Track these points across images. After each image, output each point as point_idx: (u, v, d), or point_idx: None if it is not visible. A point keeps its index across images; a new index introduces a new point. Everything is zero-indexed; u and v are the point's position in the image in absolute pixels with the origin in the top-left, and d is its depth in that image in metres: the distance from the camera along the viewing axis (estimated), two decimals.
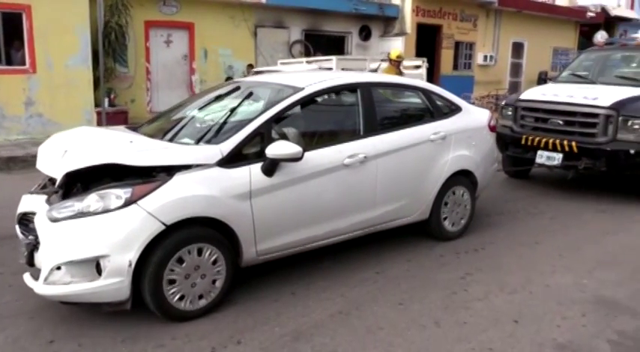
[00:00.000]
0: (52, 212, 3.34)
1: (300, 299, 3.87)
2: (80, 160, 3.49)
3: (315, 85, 4.31)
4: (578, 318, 3.67)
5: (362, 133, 4.44)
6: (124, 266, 3.24)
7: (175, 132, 4.20)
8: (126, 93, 12.73)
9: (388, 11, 16.77)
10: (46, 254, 3.30)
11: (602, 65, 8.15)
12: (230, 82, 5.53)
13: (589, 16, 21.98)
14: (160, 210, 3.30)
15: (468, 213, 5.34)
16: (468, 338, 3.37)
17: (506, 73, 20.45)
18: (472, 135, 5.28)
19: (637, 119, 6.36)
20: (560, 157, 6.77)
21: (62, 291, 3.27)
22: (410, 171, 4.73)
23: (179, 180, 3.44)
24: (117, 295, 3.29)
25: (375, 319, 3.59)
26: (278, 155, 3.67)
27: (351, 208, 4.32)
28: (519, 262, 4.68)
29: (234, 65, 14.29)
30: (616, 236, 5.46)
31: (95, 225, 3.25)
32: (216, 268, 3.60)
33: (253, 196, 3.69)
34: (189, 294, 3.51)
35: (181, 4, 13.30)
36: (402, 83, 5.39)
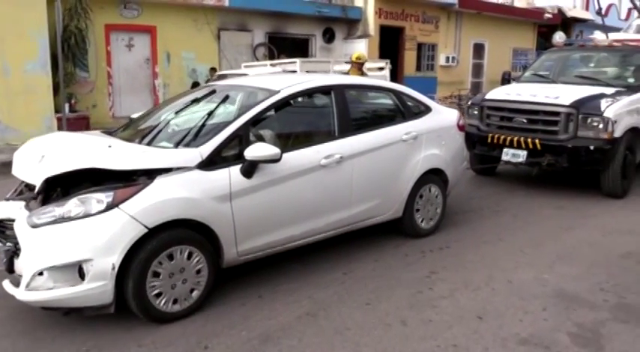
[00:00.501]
0: (32, 217, 3.33)
1: (267, 302, 3.87)
2: (60, 165, 3.48)
3: (290, 87, 4.39)
4: (539, 312, 3.76)
5: (337, 134, 4.53)
6: (108, 270, 3.25)
7: (153, 136, 4.23)
8: (87, 98, 12.52)
9: (351, 14, 16.90)
10: (28, 260, 3.28)
11: (563, 65, 8.42)
12: (205, 85, 5.52)
13: (546, 17, 22.55)
14: (142, 214, 3.33)
15: (440, 211, 5.48)
16: (433, 336, 3.43)
17: (468, 73, 20.83)
18: (442, 134, 5.41)
19: (596, 117, 6.58)
20: (525, 154, 6.98)
21: (45, 297, 3.26)
22: (383, 171, 4.83)
23: (160, 184, 3.47)
24: (101, 299, 3.30)
25: (342, 320, 3.62)
26: (257, 157, 3.74)
27: (328, 208, 4.41)
28: (483, 259, 4.78)
29: (197, 68, 14.19)
30: (574, 231, 5.62)
31: (77, 229, 3.25)
32: (198, 269, 3.64)
33: (233, 198, 3.74)
34: (171, 296, 3.54)
35: (142, 8, 13.15)
36: (374, 85, 5.56)
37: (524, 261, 4.75)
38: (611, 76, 7.91)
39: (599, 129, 6.57)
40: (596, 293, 4.08)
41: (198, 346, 3.29)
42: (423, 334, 3.45)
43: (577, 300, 3.96)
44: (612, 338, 3.43)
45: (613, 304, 3.91)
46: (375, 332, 3.47)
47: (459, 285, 4.20)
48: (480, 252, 4.98)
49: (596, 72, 8.13)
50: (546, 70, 8.49)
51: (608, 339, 3.42)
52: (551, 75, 8.27)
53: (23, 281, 3.28)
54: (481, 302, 3.92)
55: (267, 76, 6.59)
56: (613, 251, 5.02)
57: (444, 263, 4.68)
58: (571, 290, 4.13)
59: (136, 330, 3.47)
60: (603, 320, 3.65)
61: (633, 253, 4.96)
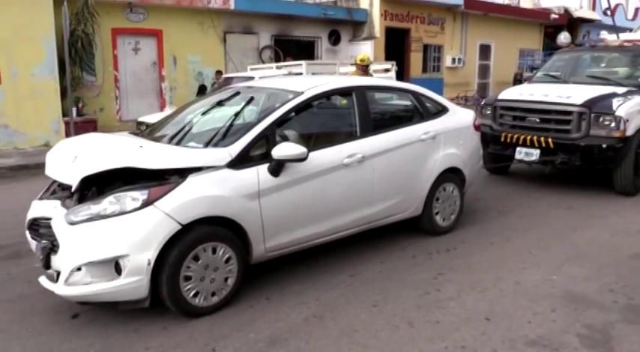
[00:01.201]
0: (70, 215, 3.46)
1: (275, 304, 3.87)
2: (96, 165, 3.60)
3: (314, 89, 4.53)
4: (548, 314, 3.74)
5: (358, 134, 4.66)
6: (143, 265, 3.37)
7: (181, 137, 4.39)
8: (94, 102, 12.58)
9: (357, 16, 16.91)
10: (66, 256, 3.40)
11: (574, 65, 8.51)
12: (233, 87, 5.69)
13: (553, 17, 22.48)
14: (176, 211, 3.46)
15: (458, 209, 5.59)
16: (441, 337, 3.41)
17: (475, 74, 20.79)
18: (459, 134, 5.53)
19: (608, 115, 6.68)
20: (538, 153, 7.10)
21: (83, 291, 3.38)
22: (403, 170, 4.95)
23: (192, 182, 3.60)
24: (136, 293, 3.42)
25: (349, 321, 3.61)
26: (284, 156, 3.87)
27: (351, 206, 4.53)
28: (490, 260, 4.76)
29: (203, 72, 14.24)
30: (582, 232, 5.58)
31: (114, 226, 3.37)
32: (228, 266, 3.75)
33: (261, 196, 3.87)
34: (203, 291, 3.65)
35: (149, 12, 13.21)
36: (393, 86, 5.68)
37: (532, 262, 4.72)
38: (623, 75, 7.99)
39: (611, 127, 6.67)
40: (605, 295, 4.05)
41: (206, 348, 3.29)
42: (431, 335, 3.44)
43: (586, 301, 3.93)
44: (622, 339, 3.41)
45: (622, 305, 3.88)
46: (382, 333, 3.46)
47: (466, 286, 4.18)
48: (487, 253, 4.96)
49: (607, 72, 8.21)
50: (557, 70, 8.59)
51: (618, 341, 3.39)
52: (562, 75, 8.37)
53: (62, 277, 3.40)
54: (489, 303, 3.90)
55: (290, 78, 6.73)
56: (622, 251, 4.98)
57: (451, 264, 4.66)
58: (580, 292, 4.10)
59: (144, 332, 3.48)
60: (613, 322, 3.63)
61: None
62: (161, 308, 3.78)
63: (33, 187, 7.99)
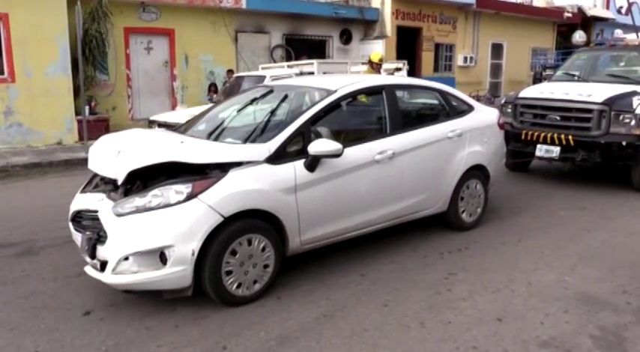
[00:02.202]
0: (117, 207, 3.61)
1: (286, 303, 3.87)
2: (142, 159, 3.73)
3: (346, 87, 4.66)
4: (560, 315, 3.71)
5: (388, 131, 4.79)
6: (188, 256, 3.51)
7: (218, 133, 4.58)
8: (107, 100, 12.66)
9: (368, 15, 16.87)
10: (114, 246, 3.54)
11: (593, 64, 8.67)
12: (265, 85, 5.90)
13: (566, 16, 22.28)
14: (219, 203, 3.60)
15: (482, 205, 5.72)
16: (452, 338, 3.40)
17: (487, 73, 20.67)
18: (484, 132, 5.65)
19: (628, 113, 6.81)
20: (558, 150, 7.22)
21: (130, 280, 3.53)
22: (431, 166, 5.08)
23: (233, 176, 3.74)
24: (180, 282, 3.56)
25: (360, 321, 3.61)
26: (320, 152, 4.01)
27: (381, 201, 4.66)
28: (502, 261, 4.73)
29: (215, 71, 14.28)
30: (595, 233, 5.54)
31: (160, 218, 3.52)
32: (265, 254, 3.88)
33: (298, 190, 4.01)
34: (242, 281, 3.79)
35: (161, 11, 13.26)
36: (421, 85, 5.79)
37: (544, 262, 4.69)
38: None
39: (631, 125, 6.80)
40: (618, 296, 4.01)
41: (217, 346, 3.30)
42: (442, 336, 3.42)
43: (599, 303, 3.90)
44: (635, 341, 3.37)
45: (636, 307, 3.84)
46: (394, 333, 3.45)
47: (477, 287, 4.16)
48: (499, 253, 4.93)
49: (626, 70, 8.30)
50: (577, 69, 8.71)
51: (632, 343, 3.36)
52: (582, 74, 8.49)
53: (109, 266, 3.54)
54: (501, 303, 3.88)
55: (321, 77, 6.89)
56: (636, 253, 4.93)
57: (462, 264, 4.64)
58: (593, 293, 4.06)
59: (155, 330, 3.49)
60: (626, 324, 3.59)
61: None
62: (172, 307, 3.80)
63: (45, 185, 8.09)
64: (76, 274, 4.40)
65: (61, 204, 6.64)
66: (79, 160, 9.44)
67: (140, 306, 3.82)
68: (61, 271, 4.50)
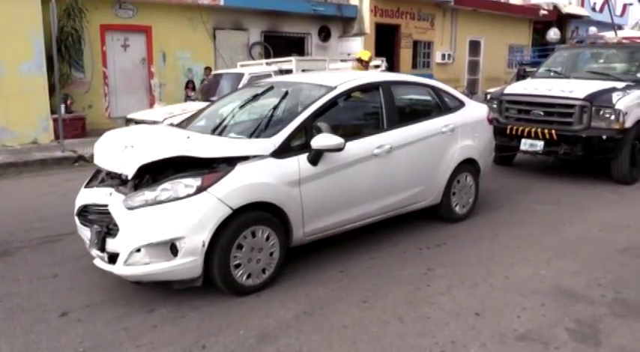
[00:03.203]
0: (128, 201, 3.70)
1: (265, 300, 3.87)
2: (152, 153, 3.83)
3: (345, 83, 4.81)
4: (537, 308, 3.76)
5: (385, 126, 4.95)
6: (198, 247, 3.62)
7: (222, 128, 4.71)
8: (83, 99, 12.48)
9: (346, 12, 16.88)
10: (126, 238, 3.63)
11: (574, 61, 9.03)
12: (262, 81, 6.00)
13: (542, 13, 22.53)
14: (228, 196, 3.72)
15: (473, 197, 5.92)
16: (431, 333, 3.42)
17: (464, 70, 20.82)
18: (475, 127, 5.86)
19: (608, 109, 7.11)
20: (542, 144, 7.51)
21: (142, 271, 3.63)
22: (426, 160, 5.26)
23: (241, 170, 3.87)
24: (191, 273, 3.68)
25: (339, 317, 3.61)
26: (323, 146, 4.15)
27: (380, 193, 4.83)
28: (480, 256, 4.78)
29: (193, 68, 14.16)
30: (571, 226, 5.62)
31: (170, 210, 3.62)
32: (271, 245, 4.02)
33: (302, 183, 4.15)
34: (249, 271, 3.92)
35: (138, 8, 13.11)
36: (415, 81, 5.92)
37: (521, 256, 4.75)
38: (621, 71, 8.41)
39: (611, 120, 7.10)
40: (593, 289, 4.08)
41: (196, 345, 3.28)
42: (421, 331, 3.45)
43: (575, 296, 3.96)
44: (610, 333, 3.44)
45: (610, 299, 3.91)
46: (373, 329, 3.47)
47: (456, 282, 4.20)
48: (476, 248, 4.98)
49: (606, 67, 8.64)
50: (558, 66, 9.06)
51: (606, 334, 3.42)
52: (563, 71, 8.85)
53: (121, 258, 3.63)
54: (479, 298, 3.92)
55: (320, 73, 7.04)
56: (610, 246, 5.02)
57: (441, 259, 4.68)
58: (569, 286, 4.13)
59: (133, 330, 3.46)
60: (601, 316, 3.66)
61: (630, 248, 4.97)
62: (150, 306, 3.77)
63: (21, 185, 7.96)
64: (52, 275, 4.34)
65: (36, 204, 6.56)
66: (55, 159, 9.31)
67: (118, 307, 3.79)
68: (36, 272, 4.43)
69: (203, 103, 9.61)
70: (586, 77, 8.24)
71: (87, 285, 4.15)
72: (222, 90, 10.02)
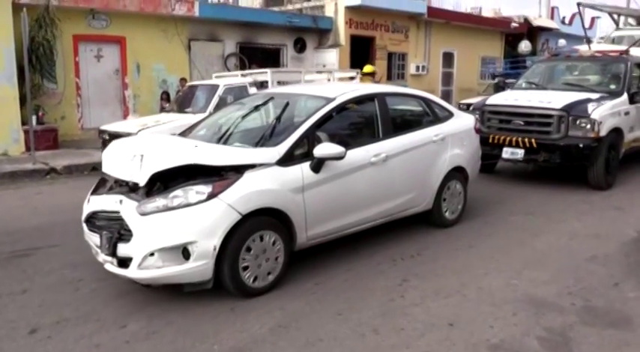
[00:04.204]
0: (141, 207, 3.84)
1: (239, 314, 3.85)
2: (165, 161, 3.99)
3: (344, 95, 5.05)
4: (509, 318, 3.81)
5: (381, 136, 5.20)
6: (210, 251, 3.78)
7: (226, 138, 4.84)
8: (55, 110, 12.31)
9: (322, 24, 16.98)
10: (140, 243, 3.76)
11: (551, 74, 9.52)
12: (262, 92, 6.23)
13: (513, 26, 22.98)
14: (237, 202, 3.90)
15: (462, 204, 6.19)
16: (405, 344, 3.44)
17: (438, 81, 21.07)
18: (463, 136, 6.13)
19: (584, 118, 7.50)
20: (522, 152, 7.86)
21: (155, 274, 3.78)
22: (419, 168, 5.51)
23: (249, 177, 4.06)
24: (202, 276, 3.83)
25: (314, 330, 3.61)
26: (325, 154, 4.37)
27: (377, 199, 5.06)
28: (454, 266, 4.82)
29: (168, 79, 14.08)
30: (543, 236, 5.71)
31: (183, 216, 3.78)
32: (276, 248, 4.19)
33: (305, 190, 4.35)
34: (257, 273, 4.08)
35: (111, 18, 13.02)
36: (408, 93, 6.25)
37: (494, 267, 4.80)
38: (594, 83, 8.86)
39: (587, 129, 7.48)
40: (564, 297, 4.15)
41: None
42: (396, 342, 3.46)
43: (546, 305, 4.02)
44: (580, 341, 3.50)
45: (580, 307, 3.98)
46: (348, 342, 3.47)
47: (430, 293, 4.23)
48: (451, 258, 5.03)
49: (580, 79, 9.08)
50: (536, 78, 9.51)
51: (577, 342, 3.48)
52: (541, 82, 9.30)
53: (134, 262, 3.77)
54: (452, 309, 3.95)
55: (318, 85, 7.27)
56: (579, 255, 5.12)
57: (415, 270, 4.71)
58: (540, 295, 4.19)
59: (105, 347, 3.41)
60: (571, 324, 3.72)
61: (598, 256, 5.07)
62: (122, 322, 3.72)
63: None
64: (21, 291, 4.26)
65: (5, 218, 6.43)
66: (26, 172, 9.14)
67: (89, 323, 3.73)
68: (4, 288, 4.34)
69: (178, 115, 9.62)
70: (562, 88, 8.66)
71: (57, 301, 4.08)
72: (197, 101, 9.99)
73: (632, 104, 8.36)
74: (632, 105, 8.36)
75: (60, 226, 5.99)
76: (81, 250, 5.20)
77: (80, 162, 9.91)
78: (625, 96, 8.28)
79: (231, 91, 9.62)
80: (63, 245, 5.39)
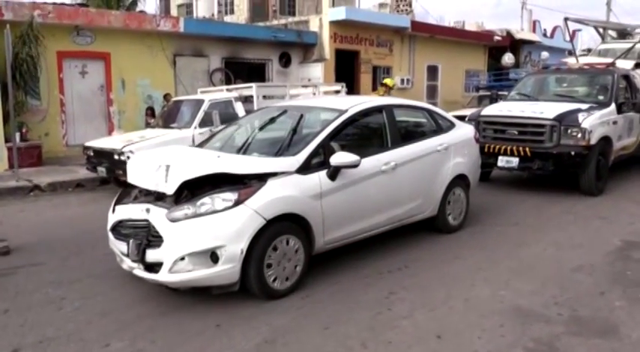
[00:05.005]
0: (171, 214, 4.05)
1: (225, 330, 3.80)
2: (193, 170, 4.20)
3: (355, 107, 5.32)
4: (496, 329, 3.81)
5: (390, 145, 5.47)
6: (237, 254, 3.99)
7: (245, 148, 5.15)
8: (39, 126, 12.21)
9: (307, 38, 17.08)
10: (170, 248, 3.97)
11: (541, 86, 10.01)
12: (275, 106, 6.45)
13: (496, 39, 23.25)
14: (262, 208, 4.11)
15: (464, 210, 6.45)
16: None
17: (423, 94, 21.18)
18: (464, 145, 6.43)
19: (575, 128, 7.84)
20: (517, 161, 8.19)
21: (185, 278, 3.98)
22: (425, 176, 5.78)
23: (272, 185, 4.28)
24: (230, 278, 4.04)
25: (301, 346, 3.58)
26: (341, 163, 4.63)
27: (387, 205, 5.31)
28: (441, 278, 4.82)
29: (153, 95, 14.03)
30: (528, 247, 5.74)
31: (212, 222, 3.99)
32: (297, 252, 4.41)
33: (323, 196, 4.59)
34: (280, 275, 4.30)
35: (96, 34, 12.99)
36: (413, 105, 6.53)
37: (480, 278, 4.81)
38: (583, 94, 9.29)
39: (578, 137, 7.82)
40: (550, 308, 4.16)
41: None
42: None
43: (533, 315, 4.03)
44: (568, 351, 3.50)
45: (567, 317, 3.99)
46: None
47: (417, 305, 4.22)
48: (437, 270, 5.02)
49: (570, 91, 9.56)
50: (528, 90, 9.95)
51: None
52: (532, 94, 9.72)
53: (165, 266, 3.97)
54: (440, 321, 3.94)
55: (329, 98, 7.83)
56: (565, 265, 5.14)
57: (403, 283, 4.69)
58: (527, 306, 4.20)
59: None
60: (558, 334, 3.72)
61: (584, 266, 5.10)
62: (105, 341, 3.66)
63: None
64: (2, 311, 4.18)
65: None
66: (9, 189, 9.03)
67: (71, 342, 3.66)
68: None
69: (163, 130, 9.58)
70: (553, 99, 9.07)
71: (40, 320, 4.01)
72: (182, 116, 9.95)
73: (620, 114, 8.72)
74: (620, 114, 8.72)
75: (43, 244, 5.92)
76: (65, 268, 5.15)
77: (64, 179, 9.82)
78: (613, 106, 8.63)
79: (216, 106, 9.58)
80: (46, 263, 5.31)
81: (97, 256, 5.42)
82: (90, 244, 5.85)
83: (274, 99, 10.22)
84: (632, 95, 9.38)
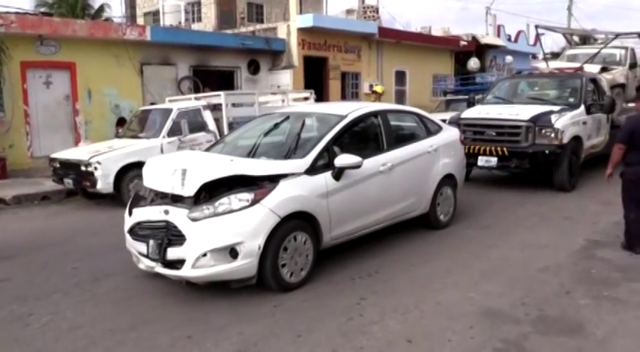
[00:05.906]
0: (193, 214, 4.35)
1: (197, 341, 3.78)
2: (211, 173, 4.52)
3: (354, 112, 5.71)
4: (466, 331, 3.87)
5: (385, 147, 5.88)
6: (255, 250, 4.32)
7: (254, 152, 5.46)
8: (3, 138, 11.95)
9: (275, 45, 17.09)
10: (193, 245, 4.27)
11: (515, 89, 10.67)
12: (277, 112, 6.78)
13: (462, 44, 23.61)
14: (277, 207, 4.46)
15: (453, 207, 6.92)
16: None
17: (392, 99, 21.32)
18: (451, 147, 6.89)
19: (548, 128, 8.43)
20: (496, 160, 8.76)
21: (207, 272, 4.29)
22: (418, 175, 6.21)
23: (284, 185, 4.64)
24: (248, 272, 4.35)
25: None
26: (345, 164, 5.01)
27: (385, 203, 5.71)
28: (412, 282, 4.87)
29: (120, 104, 13.86)
30: (497, 249, 5.84)
31: (231, 220, 4.31)
32: (307, 247, 4.76)
33: (329, 195, 4.95)
34: (292, 270, 4.64)
35: (61, 44, 12.79)
36: (405, 109, 7.21)
37: (450, 281, 4.87)
38: (554, 97, 9.90)
39: (551, 137, 8.40)
40: (518, 308, 4.24)
41: None
42: None
43: (501, 316, 4.10)
44: (535, 350, 3.57)
45: (534, 317, 4.08)
46: None
47: (388, 310, 4.25)
48: (408, 275, 5.08)
49: (542, 94, 10.20)
50: (502, 93, 10.56)
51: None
52: (507, 97, 10.33)
53: (188, 262, 4.27)
54: (410, 325, 3.99)
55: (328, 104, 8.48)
56: (532, 266, 5.25)
57: (373, 288, 4.73)
58: (496, 307, 4.27)
59: None
60: (526, 334, 3.80)
61: (550, 266, 5.21)
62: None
63: None
64: None
65: None
66: None
67: None
68: None
69: (130, 140, 9.46)
70: (527, 102, 9.68)
71: (5, 338, 3.93)
72: (150, 125, 9.85)
73: (589, 114, 9.30)
74: (589, 115, 9.31)
75: (9, 260, 5.79)
76: (32, 284, 5.05)
77: (30, 191, 9.62)
78: (582, 107, 9.20)
79: (185, 115, 9.51)
80: (11, 279, 5.20)
81: (64, 270, 5.34)
82: (57, 258, 5.75)
83: (243, 107, 10.22)
84: (599, 97, 9.93)
